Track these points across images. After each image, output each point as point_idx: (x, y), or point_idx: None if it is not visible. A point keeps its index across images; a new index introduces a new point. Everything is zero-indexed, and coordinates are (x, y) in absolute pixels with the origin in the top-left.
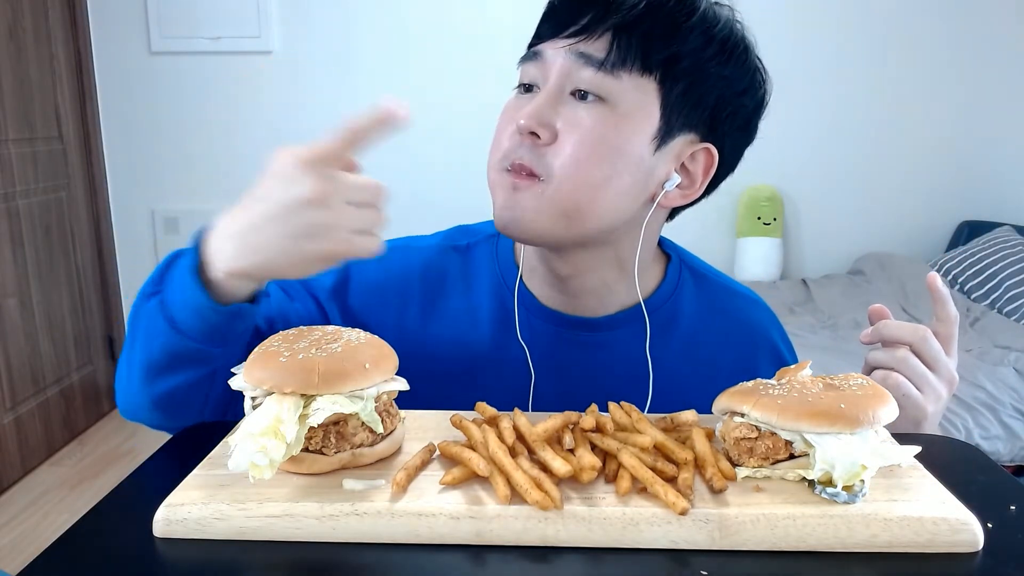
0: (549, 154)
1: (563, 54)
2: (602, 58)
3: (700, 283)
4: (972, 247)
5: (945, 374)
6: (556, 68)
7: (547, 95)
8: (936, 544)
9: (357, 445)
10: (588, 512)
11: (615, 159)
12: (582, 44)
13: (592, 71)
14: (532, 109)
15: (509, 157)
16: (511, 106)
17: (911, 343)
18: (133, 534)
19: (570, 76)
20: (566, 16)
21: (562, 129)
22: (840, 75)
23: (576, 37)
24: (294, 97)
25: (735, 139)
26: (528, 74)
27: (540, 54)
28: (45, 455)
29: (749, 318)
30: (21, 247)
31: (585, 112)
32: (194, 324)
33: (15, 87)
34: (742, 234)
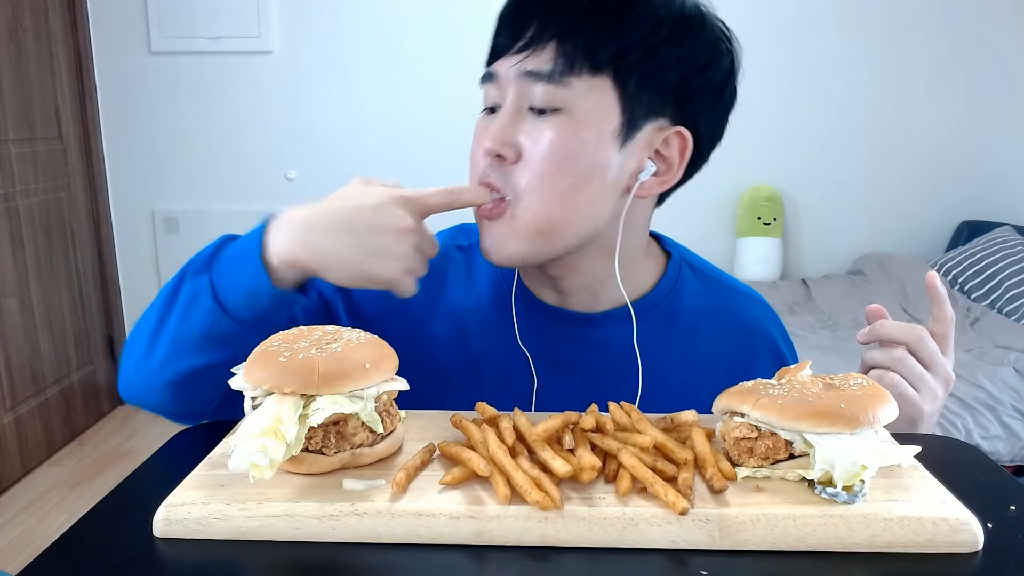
0: (516, 173)
1: (513, 73)
2: (549, 71)
3: (701, 280)
4: (972, 247)
5: (941, 373)
6: (510, 88)
7: (505, 116)
8: (936, 544)
9: (357, 445)
10: (588, 512)
11: (580, 167)
12: (529, 60)
13: (543, 85)
14: (494, 131)
15: (481, 179)
16: (479, 128)
17: (907, 343)
18: (133, 534)
19: (524, 94)
20: (511, 33)
21: (525, 146)
22: (840, 75)
23: (522, 54)
24: (294, 97)
25: (709, 113)
26: (489, 96)
27: (494, 76)
28: (45, 455)
29: (750, 315)
30: (21, 247)
31: (544, 126)
32: (244, 305)
33: (15, 87)
34: (742, 234)
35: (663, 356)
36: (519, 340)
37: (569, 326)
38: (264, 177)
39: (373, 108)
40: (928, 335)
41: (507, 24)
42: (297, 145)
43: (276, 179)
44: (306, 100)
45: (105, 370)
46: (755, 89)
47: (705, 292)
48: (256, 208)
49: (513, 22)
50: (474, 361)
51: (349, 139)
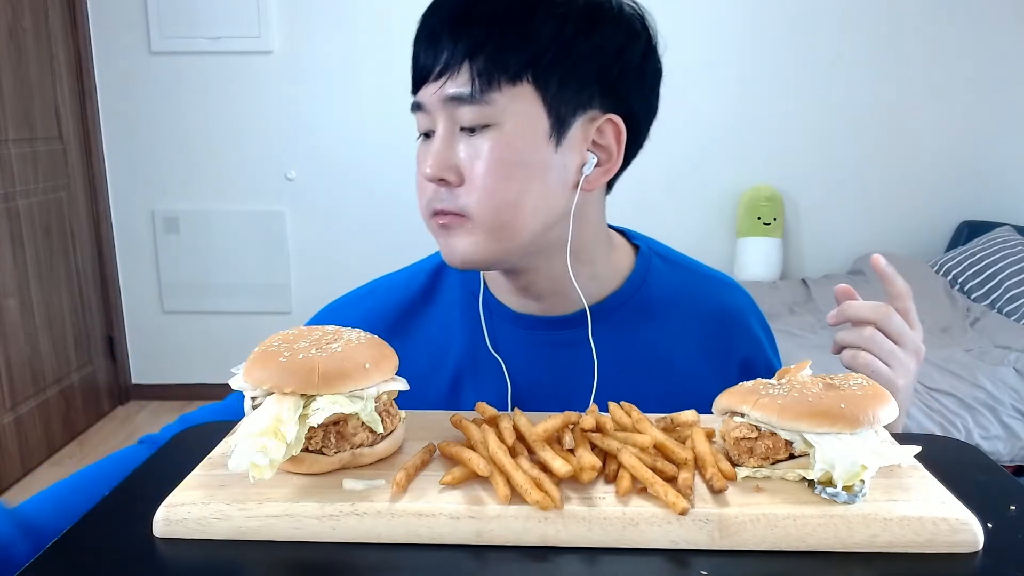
0: (463, 194)
1: (437, 100)
2: (469, 92)
3: (673, 269)
4: (972, 247)
5: (911, 347)
6: (438, 114)
7: (439, 141)
8: (936, 544)
9: (357, 445)
10: (588, 512)
11: (521, 174)
12: (449, 84)
13: (467, 107)
14: (432, 158)
15: (432, 205)
16: (420, 155)
17: (875, 321)
18: (133, 534)
19: (451, 117)
20: (427, 59)
21: (465, 167)
22: (840, 75)
23: (441, 79)
24: (294, 97)
25: (637, 94)
26: (421, 123)
27: (421, 105)
28: (45, 455)
29: (723, 302)
30: (21, 247)
31: (478, 143)
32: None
33: (15, 87)
34: (742, 234)
35: (639, 349)
36: (489, 347)
37: (544, 331)
38: (264, 177)
39: (373, 108)
40: (894, 311)
41: (422, 51)
42: (297, 145)
43: (276, 179)
44: (306, 100)
45: (105, 370)
46: (755, 89)
47: (678, 281)
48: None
49: (427, 48)
50: (452, 376)
51: (349, 139)
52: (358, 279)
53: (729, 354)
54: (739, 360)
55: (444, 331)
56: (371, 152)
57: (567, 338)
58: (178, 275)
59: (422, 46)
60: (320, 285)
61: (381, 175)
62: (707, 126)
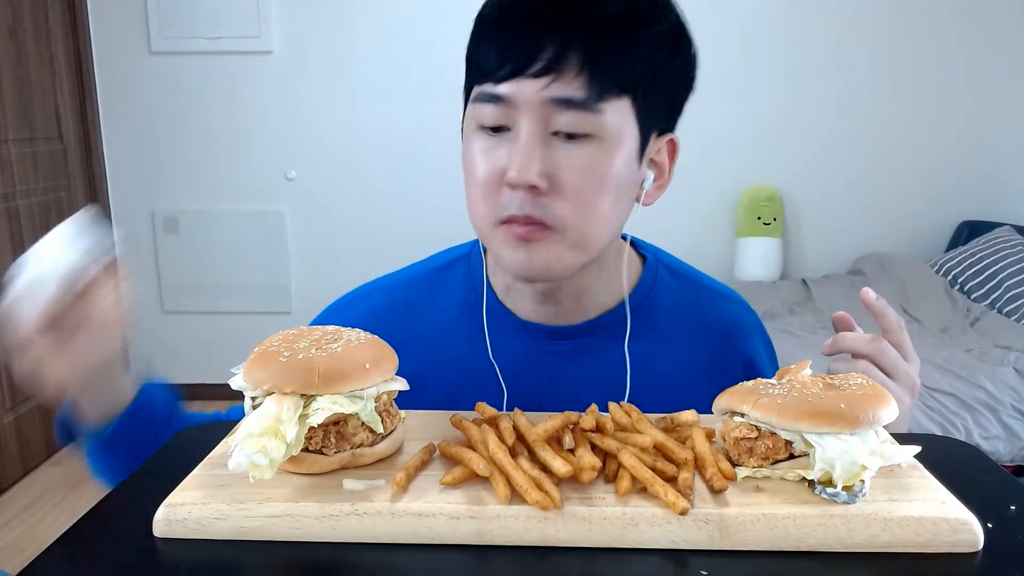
0: (553, 203)
1: (537, 99)
2: (583, 98)
3: (679, 281)
4: (972, 247)
5: (906, 381)
6: (532, 113)
7: (530, 144)
8: (936, 544)
9: (357, 445)
10: (588, 512)
11: (613, 188)
12: (556, 87)
13: (574, 112)
14: (522, 161)
15: (506, 210)
16: (483, 152)
17: (869, 355)
18: (133, 534)
19: (548, 120)
20: (523, 54)
21: (559, 175)
22: (841, 75)
23: (544, 78)
24: (294, 97)
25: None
26: (490, 115)
27: (507, 99)
28: (45, 455)
29: (727, 315)
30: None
31: (577, 152)
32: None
33: (15, 87)
34: (742, 234)
35: (644, 359)
36: (490, 354)
37: (552, 340)
38: (264, 177)
39: (373, 108)
40: (888, 346)
41: (516, 39)
42: (297, 145)
43: (276, 179)
44: (306, 100)
45: None
46: (755, 89)
47: (683, 293)
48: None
49: (522, 38)
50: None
51: (349, 139)
52: (358, 279)
53: (729, 368)
54: (738, 375)
55: (445, 334)
56: (371, 152)
57: (571, 348)
58: (178, 275)
59: (514, 34)
60: (320, 285)
61: (381, 175)
62: (707, 126)
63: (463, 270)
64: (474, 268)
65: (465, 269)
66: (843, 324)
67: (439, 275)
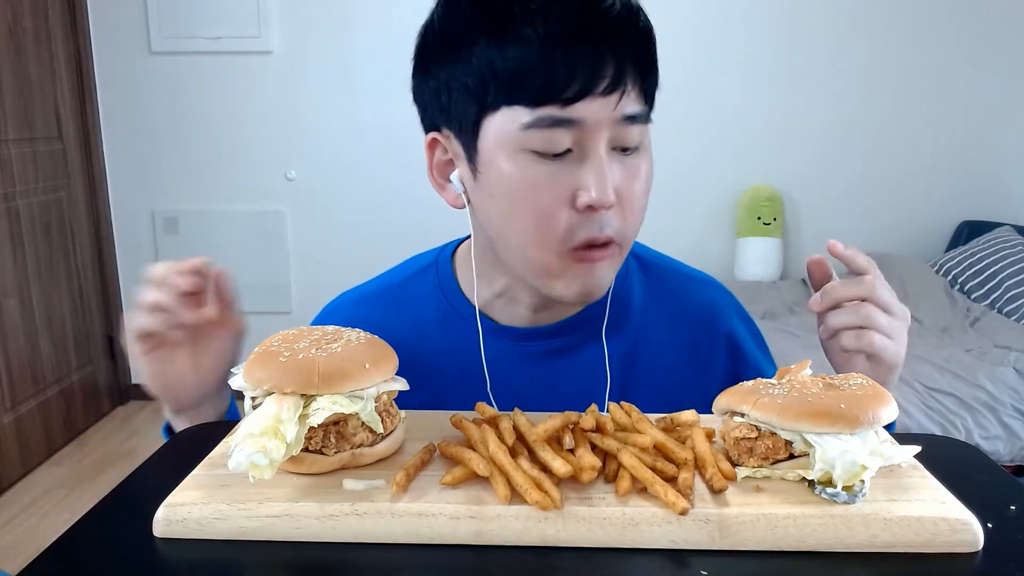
0: (616, 218)
1: (610, 118)
2: (644, 112)
3: (647, 270)
4: (972, 247)
5: (900, 313)
6: (603, 132)
7: (606, 164)
8: (936, 544)
9: (357, 445)
10: (588, 512)
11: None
12: (625, 104)
13: (638, 127)
14: (603, 182)
15: (580, 234)
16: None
17: (865, 296)
18: (133, 534)
19: (617, 137)
20: (589, 74)
21: (622, 190)
22: (841, 75)
23: (611, 96)
24: (294, 97)
25: None
26: (563, 140)
27: (576, 121)
28: (45, 455)
29: (702, 300)
30: (21, 247)
31: (635, 163)
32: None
33: (15, 87)
34: (742, 234)
35: (623, 351)
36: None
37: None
38: (264, 177)
39: (373, 108)
40: (877, 281)
41: (578, 61)
42: (297, 145)
43: (276, 179)
44: (306, 100)
45: (105, 370)
46: (755, 89)
47: (653, 282)
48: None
49: (584, 58)
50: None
51: (349, 139)
52: (358, 279)
53: (713, 351)
54: (722, 356)
55: (419, 346)
56: (371, 152)
57: (550, 348)
58: None
59: (575, 52)
60: (320, 285)
61: (381, 175)
62: (707, 126)
63: (431, 280)
64: (443, 277)
65: (433, 278)
66: (819, 268)
67: (403, 288)
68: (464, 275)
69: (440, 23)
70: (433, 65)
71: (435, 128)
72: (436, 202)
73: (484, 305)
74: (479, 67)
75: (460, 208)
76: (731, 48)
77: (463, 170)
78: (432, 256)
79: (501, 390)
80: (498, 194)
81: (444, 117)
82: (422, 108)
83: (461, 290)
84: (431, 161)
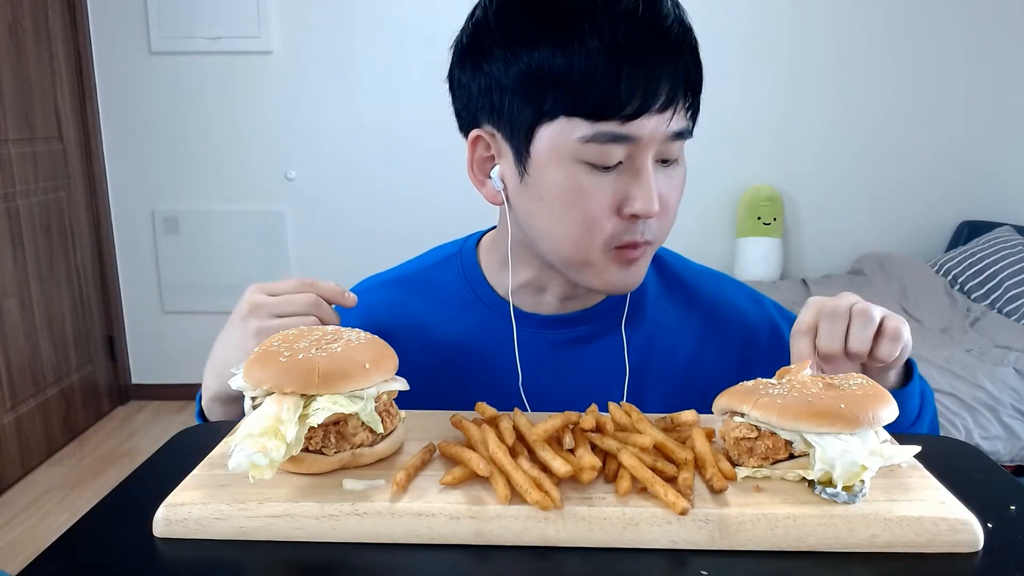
0: (656, 223)
1: (661, 135)
2: (690, 128)
3: (657, 266)
4: (972, 247)
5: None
6: (650, 148)
7: (653, 176)
8: (936, 544)
9: (357, 445)
10: (588, 512)
11: None
12: (676, 121)
13: (681, 142)
14: (650, 194)
15: (623, 238)
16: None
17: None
18: (133, 534)
19: (664, 151)
20: (647, 91)
21: (663, 198)
22: (841, 75)
23: (665, 113)
24: (294, 97)
25: None
26: (617, 154)
27: (635, 139)
28: (45, 455)
29: (712, 294)
30: (21, 247)
31: (674, 174)
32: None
33: (15, 87)
34: (742, 234)
35: (640, 341)
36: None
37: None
38: (264, 177)
39: (373, 108)
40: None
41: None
42: (297, 145)
43: (276, 179)
44: (306, 100)
45: (105, 370)
46: (755, 89)
47: (663, 278)
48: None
49: (645, 76)
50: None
51: (349, 139)
52: (358, 279)
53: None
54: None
55: (445, 331)
56: (371, 152)
57: (573, 336)
58: (178, 275)
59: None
60: None
61: (381, 175)
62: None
63: (455, 267)
64: (467, 265)
65: (457, 266)
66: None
67: (428, 274)
68: (488, 265)
69: (495, 20)
70: (485, 62)
71: (477, 124)
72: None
73: (504, 292)
74: (539, 73)
75: (498, 204)
76: (731, 48)
77: (507, 169)
78: (456, 246)
79: (524, 376)
80: (548, 198)
81: (493, 116)
82: (465, 101)
83: (486, 279)
84: (472, 157)
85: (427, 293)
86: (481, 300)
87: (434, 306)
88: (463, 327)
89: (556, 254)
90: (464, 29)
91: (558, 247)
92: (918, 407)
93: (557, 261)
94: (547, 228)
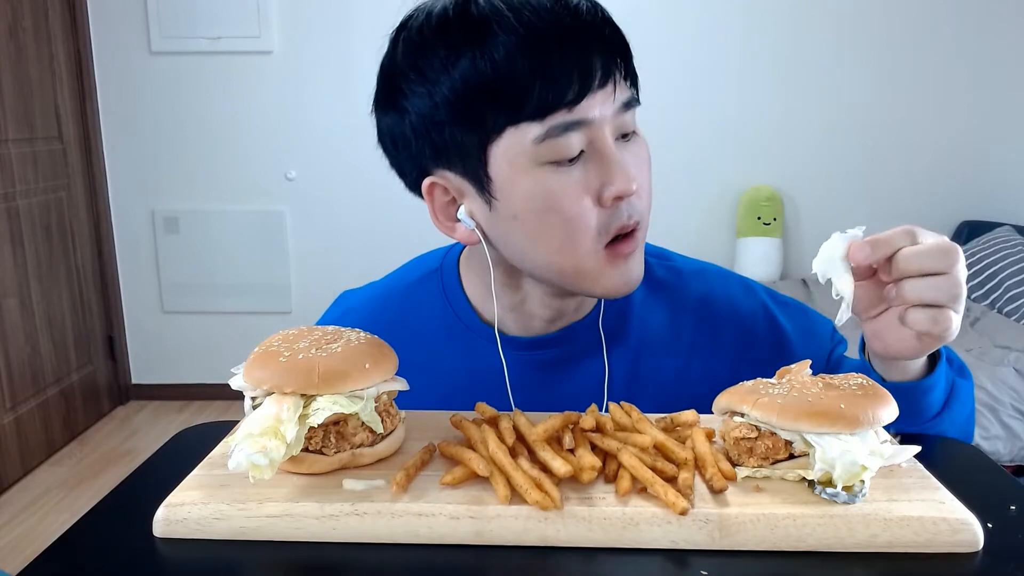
0: (636, 200)
1: (612, 110)
2: (635, 95)
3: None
4: (972, 247)
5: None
6: (606, 126)
7: (617, 152)
8: (936, 544)
9: (357, 445)
10: (588, 512)
11: None
12: (619, 92)
13: (632, 111)
14: (622, 171)
15: (613, 224)
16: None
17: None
18: (133, 534)
19: (620, 126)
20: (586, 71)
21: (636, 174)
22: (840, 75)
23: (606, 88)
24: (294, 97)
25: None
26: (576, 143)
27: (586, 121)
28: (45, 455)
29: (701, 294)
30: (21, 247)
31: (636, 147)
32: None
33: (15, 87)
34: (742, 234)
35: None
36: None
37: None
38: (264, 177)
39: None
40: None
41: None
42: (297, 145)
43: (276, 179)
44: (306, 100)
45: (105, 370)
46: (755, 89)
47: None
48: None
49: (578, 57)
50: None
51: (349, 139)
52: (358, 279)
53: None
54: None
55: (428, 353)
56: (371, 152)
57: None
58: (178, 275)
59: (566, 57)
60: (320, 285)
61: (381, 175)
62: (707, 126)
63: (436, 287)
64: (448, 285)
65: (438, 286)
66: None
67: (410, 293)
68: (470, 286)
69: (405, 60)
70: (408, 103)
71: (427, 172)
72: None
73: (485, 312)
74: (467, 90)
75: (475, 243)
76: (731, 48)
77: (473, 204)
78: (436, 261)
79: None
80: (522, 213)
81: (440, 156)
82: (407, 153)
83: (468, 302)
84: (433, 207)
85: (408, 314)
86: (465, 326)
87: (415, 330)
88: (446, 354)
89: (547, 269)
90: (378, 86)
91: (548, 261)
92: (942, 402)
93: (551, 276)
94: (531, 245)
